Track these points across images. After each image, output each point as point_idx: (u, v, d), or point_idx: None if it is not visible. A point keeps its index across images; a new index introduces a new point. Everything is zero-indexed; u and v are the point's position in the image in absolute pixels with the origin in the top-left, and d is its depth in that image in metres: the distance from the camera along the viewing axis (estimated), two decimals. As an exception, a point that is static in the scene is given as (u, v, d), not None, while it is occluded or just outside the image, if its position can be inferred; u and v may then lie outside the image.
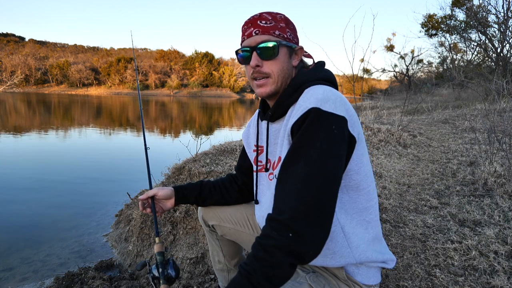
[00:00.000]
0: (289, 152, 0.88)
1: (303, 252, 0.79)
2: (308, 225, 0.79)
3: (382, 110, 9.07)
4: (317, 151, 0.83)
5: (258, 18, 1.00)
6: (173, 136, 10.71)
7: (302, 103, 0.91)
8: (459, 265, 1.58)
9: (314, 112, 0.85)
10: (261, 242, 0.81)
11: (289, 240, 0.78)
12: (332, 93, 0.90)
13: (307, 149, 0.84)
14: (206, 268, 2.17)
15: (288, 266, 0.78)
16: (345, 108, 0.89)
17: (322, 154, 0.82)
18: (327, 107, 0.86)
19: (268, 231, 0.81)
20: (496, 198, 2.36)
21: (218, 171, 3.06)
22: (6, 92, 42.38)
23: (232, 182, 1.34)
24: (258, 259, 0.79)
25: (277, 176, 0.90)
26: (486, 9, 13.63)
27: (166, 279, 1.10)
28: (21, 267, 2.72)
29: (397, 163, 3.67)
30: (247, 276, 0.78)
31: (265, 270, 0.77)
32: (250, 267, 0.79)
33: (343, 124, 0.86)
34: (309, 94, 0.91)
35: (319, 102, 0.87)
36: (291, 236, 0.78)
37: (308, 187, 0.81)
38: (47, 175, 5.54)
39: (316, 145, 0.83)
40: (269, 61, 0.98)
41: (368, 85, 39.99)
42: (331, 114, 0.85)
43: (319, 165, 0.82)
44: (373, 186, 1.00)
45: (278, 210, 0.83)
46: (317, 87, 0.93)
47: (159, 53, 70.81)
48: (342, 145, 0.86)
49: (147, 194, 1.28)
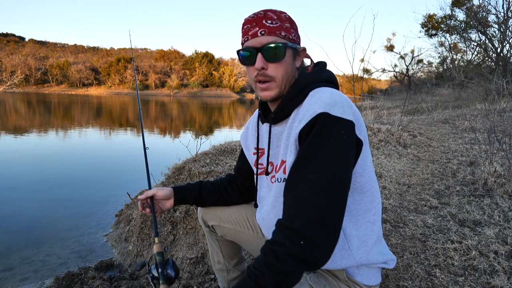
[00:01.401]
0: (299, 158, 0.87)
1: (314, 259, 0.79)
2: (321, 232, 0.78)
3: (382, 110, 9.06)
4: (327, 157, 0.82)
5: (263, 17, 0.94)
6: (173, 136, 10.71)
7: (309, 106, 0.89)
8: (459, 265, 1.57)
9: (323, 117, 0.84)
10: (273, 248, 0.80)
11: (301, 248, 0.77)
12: (339, 97, 0.89)
13: (317, 155, 0.83)
14: (206, 268, 2.17)
15: (299, 273, 0.79)
16: (352, 112, 0.88)
17: (333, 160, 0.82)
18: (335, 112, 0.85)
19: (280, 238, 0.81)
20: (496, 198, 2.36)
21: (218, 171, 3.06)
22: (6, 92, 42.39)
23: (232, 183, 1.33)
24: (269, 265, 0.78)
25: (286, 181, 0.89)
26: (486, 9, 13.65)
27: (165, 279, 1.09)
28: (21, 267, 2.72)
29: (397, 163, 3.67)
30: (256, 279, 0.78)
31: (275, 276, 0.77)
32: (259, 272, 0.79)
33: (351, 128, 0.86)
34: (316, 97, 0.90)
35: (327, 106, 0.85)
36: (303, 244, 0.77)
37: (320, 193, 0.80)
38: (47, 175, 5.54)
39: (326, 151, 0.82)
40: (275, 64, 0.94)
41: (368, 85, 39.96)
42: (340, 119, 0.84)
43: (330, 171, 0.81)
44: (376, 187, 1.00)
45: (290, 217, 0.82)
46: (323, 90, 0.92)
47: (159, 53, 70.79)
48: (351, 149, 0.86)
49: (146, 194, 1.28)
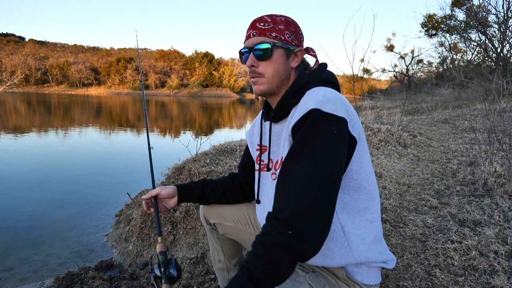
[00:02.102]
0: (290, 152, 0.89)
1: (302, 250, 0.80)
2: (307, 223, 0.80)
3: (382, 110, 9.07)
4: (318, 152, 0.84)
5: (258, 21, 1.03)
6: (173, 136, 10.71)
7: (303, 104, 0.92)
8: (459, 265, 1.58)
9: (315, 113, 0.87)
10: (261, 239, 0.82)
11: (288, 238, 0.79)
12: (332, 95, 0.91)
13: (308, 149, 0.85)
14: (206, 268, 2.18)
15: (287, 263, 0.79)
16: (346, 109, 0.90)
17: (323, 155, 0.84)
18: (327, 108, 0.87)
19: (268, 228, 0.83)
20: (496, 198, 2.36)
21: (218, 171, 3.06)
22: (6, 92, 42.39)
23: (235, 181, 1.34)
24: (258, 256, 0.80)
25: (278, 175, 0.91)
26: (486, 9, 13.66)
27: (168, 278, 1.10)
28: (21, 267, 2.72)
29: (397, 163, 3.67)
30: (248, 273, 0.79)
31: (265, 267, 0.78)
32: (250, 265, 0.80)
33: (343, 125, 0.87)
34: (310, 95, 0.93)
35: (319, 103, 0.88)
36: (291, 234, 0.79)
37: (308, 186, 0.82)
38: (47, 175, 5.54)
39: (317, 146, 0.84)
40: (264, 62, 1.01)
41: (368, 85, 39.98)
42: (331, 115, 0.86)
43: (319, 165, 0.83)
44: (375, 186, 1.01)
45: (278, 208, 0.84)
46: (318, 89, 0.94)
47: (159, 53, 70.77)
48: (342, 145, 0.87)
49: (150, 193, 1.29)
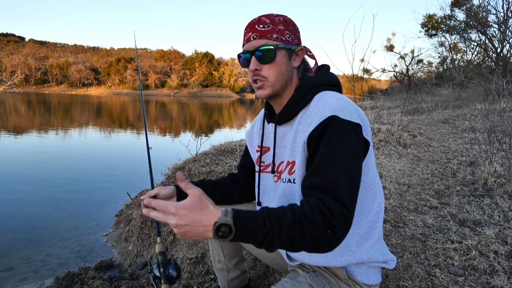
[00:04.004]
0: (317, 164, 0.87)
1: (338, 227, 0.77)
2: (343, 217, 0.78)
3: (382, 110, 9.06)
4: (344, 160, 0.85)
5: (256, 23, 1.01)
6: (173, 136, 10.71)
7: (316, 111, 0.93)
8: (459, 265, 1.58)
9: (334, 121, 0.88)
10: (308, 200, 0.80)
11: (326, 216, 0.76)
12: (344, 101, 0.93)
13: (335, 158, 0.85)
14: (206, 268, 2.18)
15: (322, 229, 0.75)
16: (358, 115, 0.93)
17: (348, 161, 0.85)
18: (344, 115, 0.89)
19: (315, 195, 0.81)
20: (496, 198, 2.36)
21: (218, 171, 3.06)
22: (6, 92, 42.40)
23: (234, 181, 1.34)
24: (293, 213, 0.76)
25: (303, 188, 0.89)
26: (486, 9, 13.64)
27: (167, 279, 1.10)
28: (21, 267, 2.72)
29: (397, 163, 3.67)
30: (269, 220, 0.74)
31: (292, 226, 0.75)
32: (276, 214, 0.76)
33: (359, 131, 0.90)
34: (323, 102, 0.94)
35: (336, 110, 0.90)
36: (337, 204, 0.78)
37: (342, 186, 0.82)
38: (47, 175, 5.54)
39: (343, 155, 0.86)
40: (267, 65, 1.00)
41: (368, 85, 39.94)
42: (348, 122, 0.89)
43: (348, 172, 0.84)
44: (379, 186, 1.02)
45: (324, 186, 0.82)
46: (328, 95, 0.96)
47: (159, 53, 70.83)
48: (360, 151, 0.90)
49: (149, 194, 1.28)
